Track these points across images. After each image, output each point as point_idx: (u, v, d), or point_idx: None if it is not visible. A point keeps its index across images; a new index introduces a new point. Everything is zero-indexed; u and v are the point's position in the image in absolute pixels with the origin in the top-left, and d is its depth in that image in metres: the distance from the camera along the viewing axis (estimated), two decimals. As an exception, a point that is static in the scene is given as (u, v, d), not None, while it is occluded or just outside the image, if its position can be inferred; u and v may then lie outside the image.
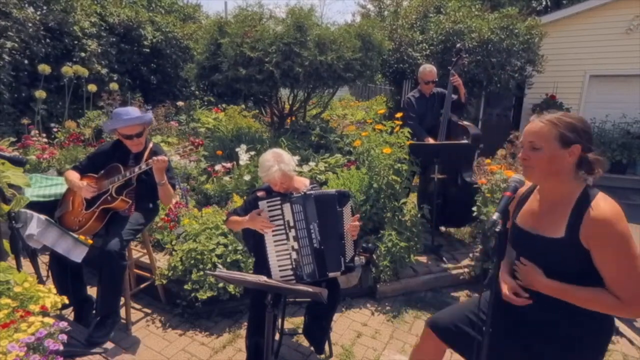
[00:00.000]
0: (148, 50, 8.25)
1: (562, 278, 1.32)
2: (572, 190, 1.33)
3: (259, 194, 2.29)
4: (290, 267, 2.15)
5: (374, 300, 3.30)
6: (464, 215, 3.74)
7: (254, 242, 2.34)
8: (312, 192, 2.20)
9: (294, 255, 2.14)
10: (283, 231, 2.14)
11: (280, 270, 2.15)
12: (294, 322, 2.97)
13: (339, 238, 2.18)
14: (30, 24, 6.17)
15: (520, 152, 1.39)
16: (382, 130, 3.80)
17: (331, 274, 2.19)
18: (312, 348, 2.58)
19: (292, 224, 2.13)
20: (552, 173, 1.33)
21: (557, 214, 1.34)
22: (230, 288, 2.85)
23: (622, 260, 1.22)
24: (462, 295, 3.44)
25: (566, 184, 1.34)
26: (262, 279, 1.81)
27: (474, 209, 3.46)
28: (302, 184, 2.37)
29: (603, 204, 1.25)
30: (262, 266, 2.19)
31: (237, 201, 3.62)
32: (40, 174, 4.09)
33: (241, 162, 4.37)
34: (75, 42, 6.86)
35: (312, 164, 4.37)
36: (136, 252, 3.21)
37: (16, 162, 2.43)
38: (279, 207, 2.13)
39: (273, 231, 2.14)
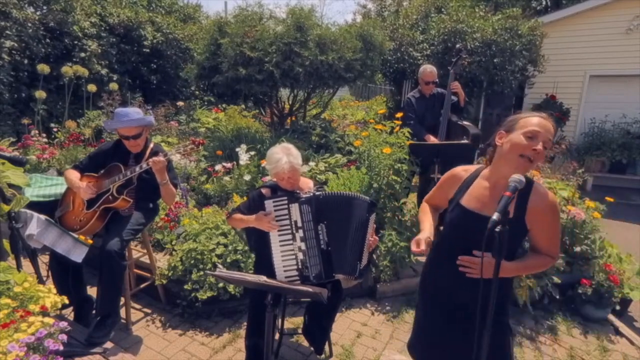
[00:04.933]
0: (148, 50, 8.24)
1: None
2: None
3: (264, 191, 2.26)
4: (295, 267, 2.11)
5: (374, 300, 3.30)
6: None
7: (256, 241, 2.31)
8: (320, 192, 2.17)
9: (301, 256, 2.10)
10: (289, 231, 2.10)
11: (285, 271, 2.11)
12: (294, 322, 2.97)
13: (359, 243, 2.13)
14: (30, 24, 6.16)
15: (532, 144, 1.40)
16: (382, 130, 3.80)
17: (337, 276, 2.15)
18: (312, 348, 2.58)
19: (299, 224, 2.09)
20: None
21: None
22: (230, 288, 2.85)
23: (557, 229, 1.53)
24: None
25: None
26: (262, 279, 1.81)
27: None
28: (307, 184, 2.36)
29: (543, 189, 1.48)
30: (263, 265, 2.16)
31: (237, 201, 3.61)
32: (40, 174, 4.10)
33: (241, 162, 4.37)
34: (75, 42, 6.86)
35: (312, 164, 4.36)
36: (136, 252, 3.21)
37: (16, 162, 2.43)
38: (286, 206, 2.10)
39: (279, 231, 2.10)
